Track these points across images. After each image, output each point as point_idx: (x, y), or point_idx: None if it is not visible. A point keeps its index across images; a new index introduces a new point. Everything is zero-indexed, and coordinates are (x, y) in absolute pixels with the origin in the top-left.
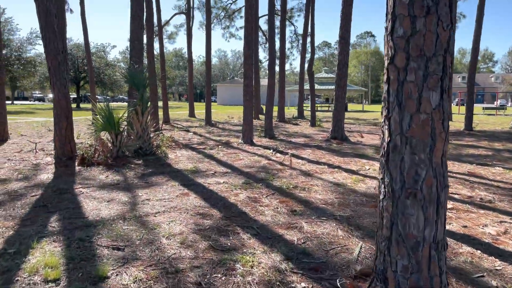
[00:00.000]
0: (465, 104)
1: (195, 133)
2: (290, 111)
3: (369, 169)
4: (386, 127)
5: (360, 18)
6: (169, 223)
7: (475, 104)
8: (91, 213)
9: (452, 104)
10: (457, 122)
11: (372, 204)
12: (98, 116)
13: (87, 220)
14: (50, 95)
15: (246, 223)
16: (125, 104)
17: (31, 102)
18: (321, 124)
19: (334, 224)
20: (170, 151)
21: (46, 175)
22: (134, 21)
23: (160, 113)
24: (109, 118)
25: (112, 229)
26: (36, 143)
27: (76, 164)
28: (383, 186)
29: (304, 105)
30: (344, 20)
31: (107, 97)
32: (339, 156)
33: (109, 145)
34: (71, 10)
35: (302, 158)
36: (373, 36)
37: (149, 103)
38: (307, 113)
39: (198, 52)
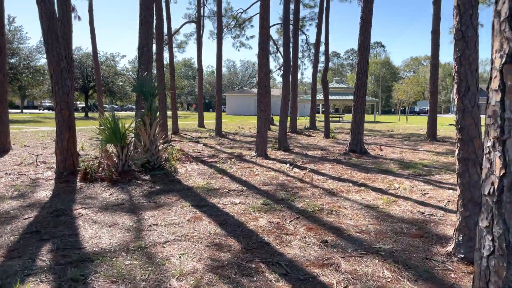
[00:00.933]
0: None
1: (205, 144)
2: (301, 122)
3: (398, 187)
4: (499, 154)
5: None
6: (180, 257)
7: (483, 115)
8: (90, 242)
9: None
10: None
11: (416, 233)
12: (102, 127)
13: (84, 251)
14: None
15: (271, 258)
16: (134, 113)
17: (40, 111)
18: (335, 136)
19: (377, 261)
20: (180, 165)
21: (44, 193)
22: (142, 26)
23: (169, 123)
24: (115, 129)
25: (113, 264)
26: (37, 156)
27: (77, 180)
28: (488, 236)
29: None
30: (364, 26)
31: (115, 106)
32: (362, 172)
33: (115, 158)
34: (79, 18)
35: (323, 174)
36: (383, 46)
37: (158, 113)
38: (319, 123)
39: (207, 62)
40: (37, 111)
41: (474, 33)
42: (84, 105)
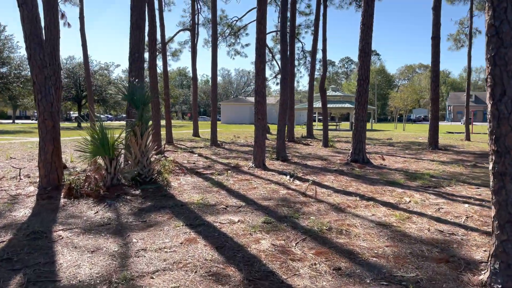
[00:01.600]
0: None
1: (200, 155)
2: (297, 130)
3: (409, 201)
4: None
5: None
6: None
7: (482, 123)
8: (67, 273)
9: (460, 123)
10: (478, 143)
11: (440, 257)
12: (89, 138)
13: (59, 285)
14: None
15: None
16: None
17: (33, 121)
18: (334, 145)
19: None
20: (173, 178)
21: (23, 211)
22: (134, 31)
23: (163, 132)
24: (103, 140)
25: None
26: (20, 169)
27: (61, 196)
28: None
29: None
30: (365, 31)
31: (109, 116)
32: (367, 184)
33: (103, 171)
34: (68, 24)
35: (326, 187)
36: (377, 54)
37: (150, 122)
38: (316, 132)
39: (202, 71)
40: (29, 121)
41: (510, 28)
42: (77, 114)
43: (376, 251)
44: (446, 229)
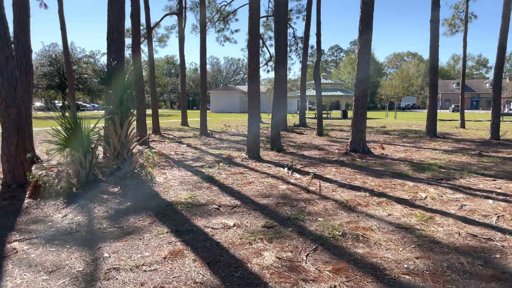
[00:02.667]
0: (491, 111)
1: (189, 145)
2: (288, 119)
3: (426, 197)
4: None
5: (353, 25)
6: None
7: (471, 111)
8: None
9: (448, 110)
10: (474, 130)
11: (487, 273)
12: (60, 128)
13: None
14: (37, 103)
15: None
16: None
17: None
18: (328, 133)
19: None
20: (159, 171)
21: None
22: (112, 8)
23: (149, 122)
24: (75, 131)
25: None
26: None
27: (26, 196)
28: None
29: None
30: (366, 11)
31: (95, 105)
32: (374, 177)
33: (77, 166)
34: (45, 5)
35: (329, 180)
36: None
37: (131, 110)
38: (308, 120)
39: (190, 59)
40: None
41: None
42: (61, 104)
43: (406, 265)
44: (479, 233)
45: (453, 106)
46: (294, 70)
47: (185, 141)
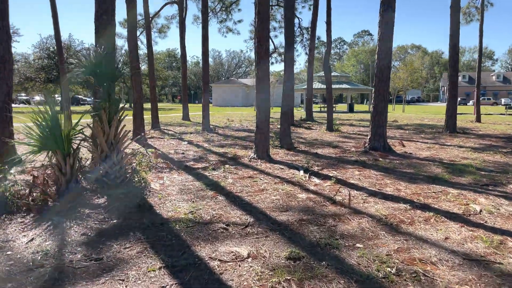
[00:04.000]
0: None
1: (190, 142)
2: (294, 113)
3: (480, 211)
4: None
5: (356, 17)
6: None
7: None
8: None
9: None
10: (492, 125)
11: None
12: (33, 125)
13: None
14: (37, 97)
15: None
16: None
17: (16, 105)
18: (339, 128)
19: None
20: (155, 175)
21: None
22: None
23: (148, 116)
24: (53, 129)
25: None
26: None
27: None
28: None
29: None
30: None
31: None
32: (406, 182)
33: (57, 172)
34: None
35: (355, 187)
36: (370, 34)
37: (122, 104)
38: (315, 114)
39: (192, 52)
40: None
41: None
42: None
43: None
44: None
45: (459, 99)
46: (299, 62)
47: (186, 137)
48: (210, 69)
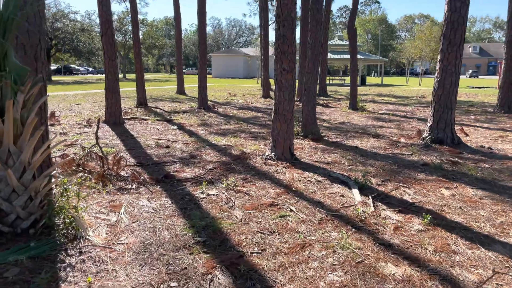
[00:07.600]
0: None
1: (181, 126)
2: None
3: None
4: None
5: None
6: None
7: (487, 76)
8: None
9: (465, 76)
10: None
11: None
12: None
13: None
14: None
15: None
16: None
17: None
18: (364, 107)
19: None
20: (106, 202)
21: None
22: None
23: (133, 89)
24: None
25: None
26: None
27: None
28: None
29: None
30: None
31: (89, 69)
32: None
33: None
34: None
35: (462, 231)
36: (377, 2)
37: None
38: (329, 88)
39: (190, 20)
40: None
41: None
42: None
43: None
44: None
45: (470, 71)
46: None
47: (177, 118)
48: (209, 37)
